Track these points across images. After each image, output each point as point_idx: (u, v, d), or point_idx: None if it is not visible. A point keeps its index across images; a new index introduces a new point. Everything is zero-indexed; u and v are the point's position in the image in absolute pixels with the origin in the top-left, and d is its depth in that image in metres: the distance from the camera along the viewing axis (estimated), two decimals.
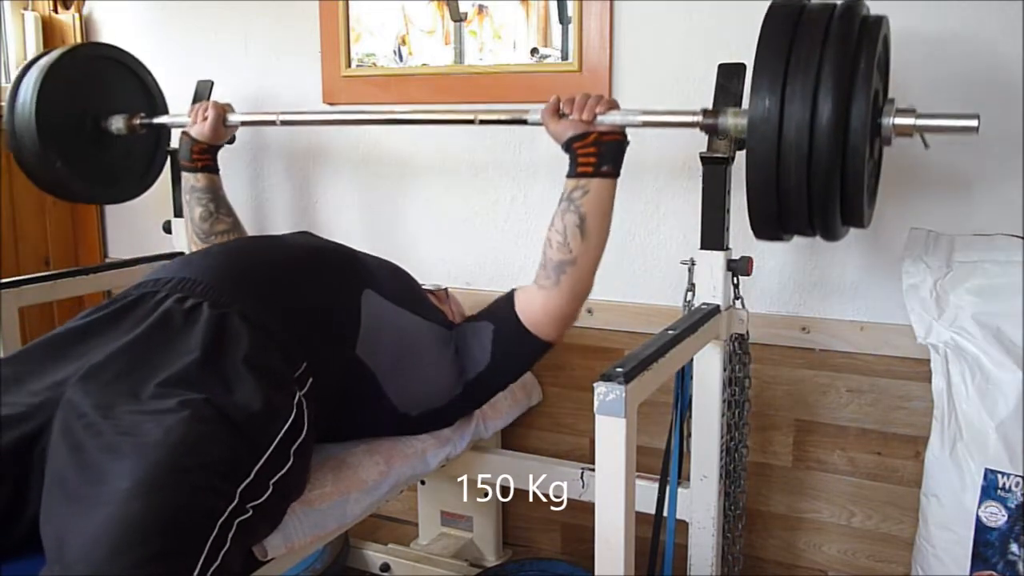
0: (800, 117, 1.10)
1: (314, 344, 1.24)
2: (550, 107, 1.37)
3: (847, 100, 1.10)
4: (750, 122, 1.14)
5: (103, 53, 1.92)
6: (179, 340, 1.14)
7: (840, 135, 1.10)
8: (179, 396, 1.04)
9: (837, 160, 1.11)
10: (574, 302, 1.36)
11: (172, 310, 1.18)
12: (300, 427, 1.14)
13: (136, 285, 1.27)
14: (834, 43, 1.11)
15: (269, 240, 1.53)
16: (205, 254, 1.37)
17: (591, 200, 1.32)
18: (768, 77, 1.12)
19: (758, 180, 1.15)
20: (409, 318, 1.40)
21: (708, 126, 1.31)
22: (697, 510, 1.43)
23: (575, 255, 1.32)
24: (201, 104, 1.75)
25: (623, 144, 1.36)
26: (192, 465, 0.98)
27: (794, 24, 1.15)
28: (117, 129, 1.85)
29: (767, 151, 1.12)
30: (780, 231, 1.24)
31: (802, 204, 1.16)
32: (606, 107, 1.34)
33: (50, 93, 1.73)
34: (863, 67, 1.11)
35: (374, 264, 1.48)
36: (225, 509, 0.98)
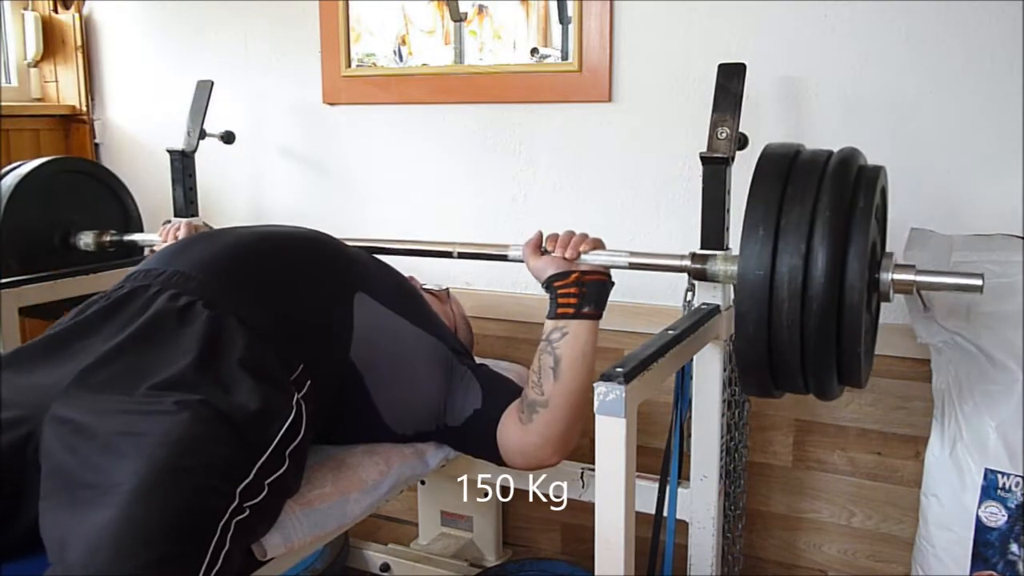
0: (793, 272, 1.04)
1: (309, 346, 1.22)
2: (532, 243, 1.32)
3: (843, 254, 1.03)
4: (740, 275, 1.07)
5: (77, 168, 1.92)
6: (173, 341, 1.12)
7: (836, 292, 1.03)
8: (175, 397, 1.03)
9: (832, 319, 1.04)
10: (547, 446, 1.26)
11: (165, 308, 1.15)
12: (297, 429, 1.13)
13: (127, 276, 1.23)
14: (829, 194, 1.06)
15: (262, 231, 1.45)
16: (199, 244, 1.31)
17: (569, 342, 1.25)
18: (760, 231, 1.06)
19: (748, 335, 1.08)
20: (405, 327, 1.35)
21: (696, 271, 1.27)
22: (697, 510, 1.43)
23: (547, 397, 1.24)
24: (173, 224, 1.69)
25: (607, 285, 1.30)
26: (193, 465, 0.97)
27: (787, 173, 1.09)
28: (86, 245, 1.84)
29: (758, 306, 1.06)
30: (771, 389, 1.17)
31: (795, 364, 1.09)
32: (590, 246, 1.30)
33: (16, 209, 1.72)
34: (859, 219, 1.04)
35: (369, 263, 1.43)
36: (226, 510, 0.97)
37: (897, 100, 1.53)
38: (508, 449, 1.29)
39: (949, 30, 1.47)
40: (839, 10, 1.54)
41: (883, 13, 1.51)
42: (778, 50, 1.59)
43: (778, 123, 1.61)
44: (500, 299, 1.90)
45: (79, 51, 2.28)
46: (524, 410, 1.27)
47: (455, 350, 1.38)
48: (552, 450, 1.27)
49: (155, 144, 2.10)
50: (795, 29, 1.57)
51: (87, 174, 1.92)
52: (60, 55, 2.31)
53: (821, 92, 1.58)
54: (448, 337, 1.41)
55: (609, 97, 1.73)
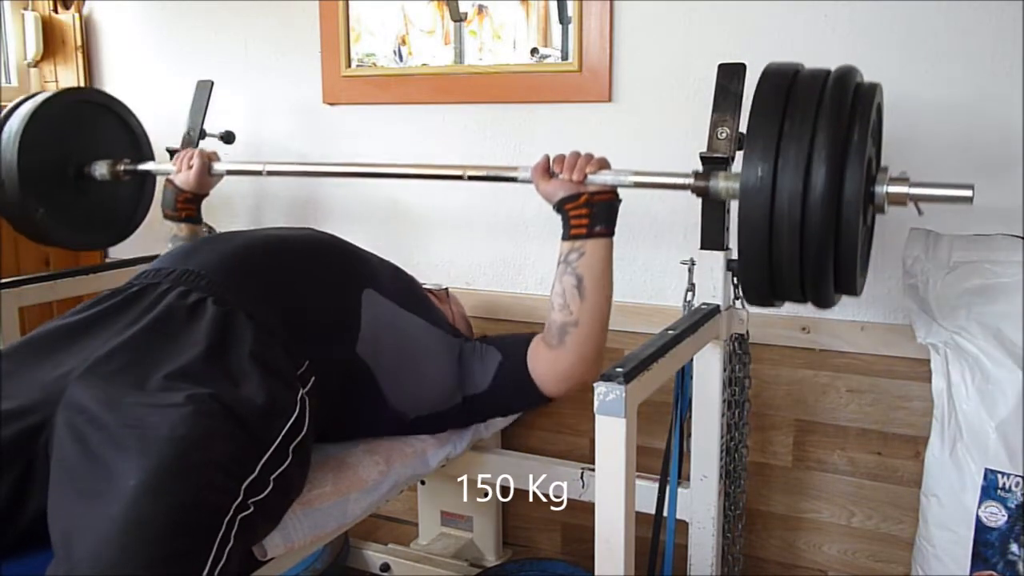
0: (793, 185, 1.08)
1: (315, 342, 1.24)
2: (540, 166, 1.35)
3: (840, 169, 1.08)
4: (742, 189, 1.12)
5: (88, 98, 1.90)
6: (183, 335, 1.14)
7: (833, 204, 1.08)
8: (184, 390, 1.04)
9: (830, 229, 1.09)
10: (582, 363, 1.33)
11: (176, 304, 1.17)
12: (301, 425, 1.14)
13: (138, 275, 1.26)
14: (828, 111, 1.10)
15: (271, 233, 1.50)
16: (208, 246, 1.35)
17: (587, 261, 1.30)
18: (761, 144, 1.10)
19: (750, 248, 1.13)
20: (410, 319, 1.39)
21: (699, 188, 1.28)
22: (697, 510, 1.43)
23: (576, 316, 1.31)
24: (186, 152, 1.71)
25: (615, 203, 1.34)
26: (199, 461, 0.98)
27: (788, 90, 1.13)
28: (100, 175, 1.83)
29: (759, 219, 1.10)
30: (771, 298, 1.21)
31: (794, 273, 1.14)
32: (596, 167, 1.33)
33: (32, 140, 1.71)
34: (856, 135, 1.09)
35: (376, 263, 1.48)
36: (231, 506, 0.98)
37: (897, 100, 1.52)
38: (545, 379, 1.35)
39: (949, 30, 1.47)
40: (839, 10, 1.54)
41: (883, 13, 1.51)
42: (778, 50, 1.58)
43: None
44: (500, 299, 1.90)
45: (79, 51, 2.28)
46: (554, 336, 1.32)
47: (458, 335, 1.44)
48: (587, 366, 1.34)
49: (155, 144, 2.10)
50: (795, 29, 1.57)
51: (96, 104, 1.89)
52: (60, 55, 2.31)
53: None
54: (450, 329, 1.45)
55: (609, 97, 1.73)
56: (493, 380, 1.38)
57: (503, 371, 1.37)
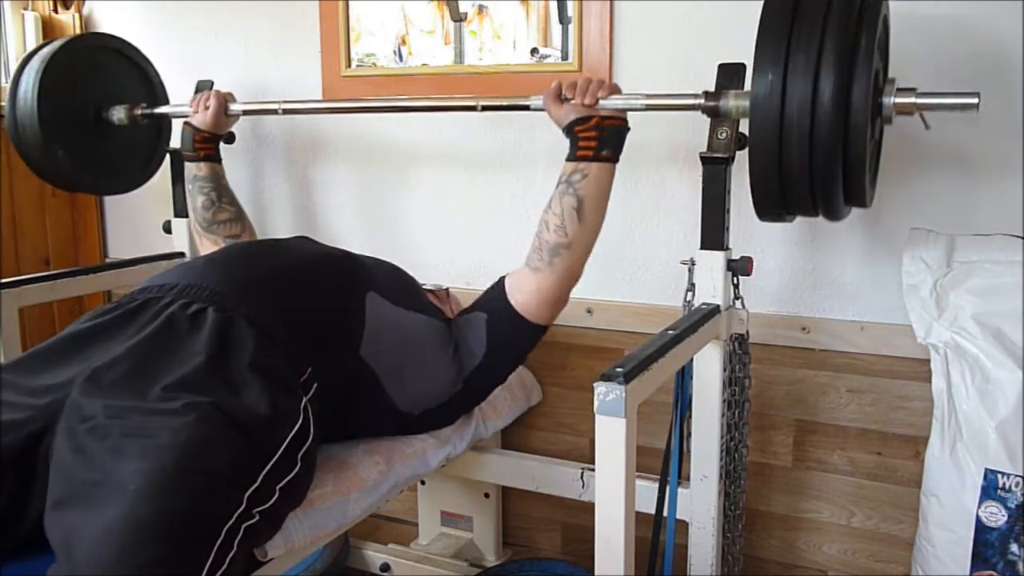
0: (802, 95, 1.11)
1: (318, 348, 1.24)
2: (552, 91, 1.38)
3: (848, 79, 1.11)
4: (752, 100, 1.15)
5: (104, 43, 1.92)
6: (184, 344, 1.14)
7: (842, 113, 1.11)
8: (185, 399, 1.04)
9: (839, 138, 1.12)
10: (566, 285, 1.37)
11: (177, 315, 1.18)
12: (307, 432, 1.14)
13: (140, 290, 1.27)
14: (835, 22, 1.12)
15: (270, 245, 1.53)
16: (208, 260, 1.38)
17: (590, 184, 1.33)
18: (770, 55, 1.13)
19: (761, 158, 1.16)
20: (410, 316, 1.40)
21: (710, 108, 1.31)
22: (697, 510, 1.43)
23: (571, 238, 1.33)
24: (203, 93, 1.76)
25: (624, 130, 1.37)
26: (200, 469, 0.98)
27: (795, 3, 1.16)
28: (119, 119, 1.85)
29: (770, 129, 1.13)
30: (783, 210, 1.24)
31: (804, 182, 1.16)
32: (608, 91, 1.35)
33: (51, 83, 1.74)
34: (864, 46, 1.11)
35: (373, 266, 1.48)
36: (232, 515, 0.98)
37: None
38: (530, 306, 1.38)
39: (949, 30, 1.47)
40: None
41: None
42: None
43: None
44: None
45: None
46: (543, 256, 1.35)
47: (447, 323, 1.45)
48: (568, 288, 1.38)
49: None
50: None
51: (112, 50, 1.92)
52: None
53: None
54: (443, 319, 1.46)
55: None
56: (487, 341, 1.39)
57: (492, 325, 1.39)
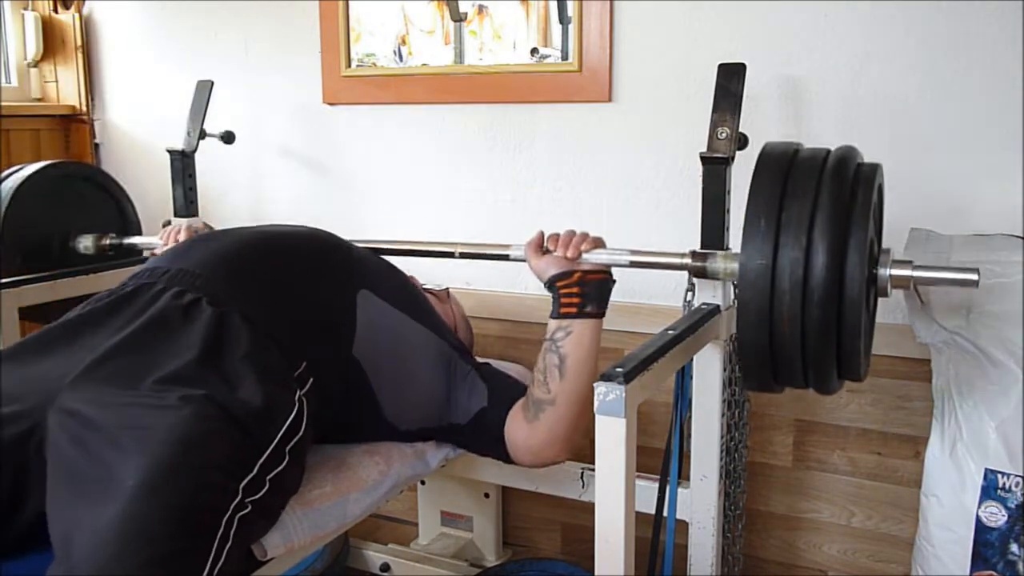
0: (794, 265, 1.06)
1: (312, 342, 1.23)
2: (533, 243, 1.34)
3: (843, 248, 1.06)
4: (742, 268, 1.09)
5: (76, 172, 1.93)
6: (178, 337, 1.13)
7: (836, 285, 1.06)
8: (180, 392, 1.04)
9: (833, 312, 1.06)
10: (554, 443, 1.28)
11: (170, 305, 1.16)
12: (299, 426, 1.13)
13: (132, 275, 1.25)
14: (828, 190, 1.08)
15: (266, 230, 1.47)
16: (203, 244, 1.33)
17: (573, 341, 1.26)
18: (761, 225, 1.08)
19: (749, 332, 1.11)
20: (406, 322, 1.36)
21: (697, 270, 1.28)
22: (697, 510, 1.43)
23: (553, 395, 1.26)
24: (174, 226, 1.69)
25: (608, 283, 1.32)
26: (198, 462, 0.98)
27: (787, 170, 1.11)
28: (85, 248, 1.85)
29: (759, 299, 1.08)
30: (772, 383, 1.19)
31: (795, 358, 1.11)
32: (591, 245, 1.31)
33: (15, 214, 1.73)
34: (858, 215, 1.07)
35: (372, 262, 1.45)
36: (229, 506, 0.98)
37: (897, 100, 1.53)
38: (515, 447, 1.31)
39: (949, 30, 1.47)
40: (839, 10, 1.54)
41: (883, 13, 1.51)
42: (778, 50, 1.59)
43: (778, 123, 1.61)
44: (500, 299, 1.90)
45: (79, 51, 2.28)
46: (530, 408, 1.29)
47: (456, 348, 1.39)
48: (559, 448, 1.30)
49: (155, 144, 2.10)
50: (795, 29, 1.57)
51: (86, 178, 1.92)
52: (60, 55, 2.31)
53: (821, 92, 1.58)
54: (449, 335, 1.42)
55: (609, 97, 1.73)
56: (472, 421, 1.34)
57: (482, 418, 1.33)
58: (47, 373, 1.09)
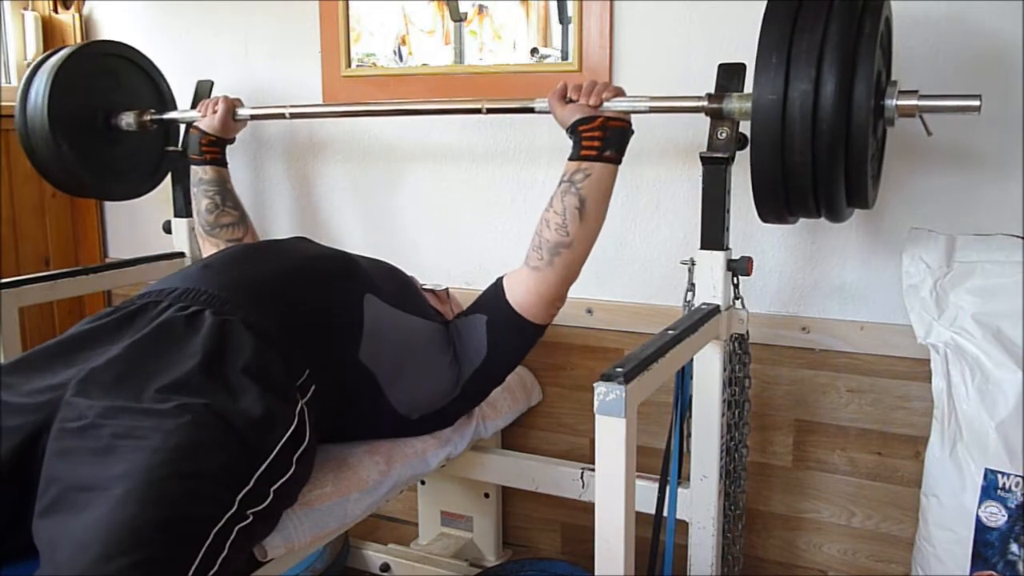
0: (804, 97, 1.12)
1: (316, 351, 1.24)
2: (557, 92, 1.40)
3: (851, 80, 1.11)
4: (755, 102, 1.15)
5: (114, 50, 1.94)
6: (180, 346, 1.13)
7: (844, 115, 1.11)
8: (178, 401, 1.04)
9: (841, 140, 1.12)
10: (564, 284, 1.38)
11: (173, 317, 1.17)
12: (302, 435, 1.14)
13: (139, 295, 1.26)
14: (836, 24, 1.12)
15: (267, 247, 1.52)
16: (205, 264, 1.37)
17: (592, 183, 1.33)
18: (772, 58, 1.14)
19: (763, 160, 1.16)
20: (409, 319, 1.39)
21: (713, 110, 1.32)
22: (697, 510, 1.43)
23: (572, 238, 1.34)
24: (212, 98, 1.78)
25: (628, 131, 1.38)
26: (189, 472, 0.98)
27: (797, 6, 1.16)
28: (127, 125, 1.88)
29: (772, 131, 1.14)
30: (786, 212, 1.24)
31: (807, 184, 1.17)
32: (613, 94, 1.37)
33: (62, 89, 1.76)
34: (866, 47, 1.11)
35: (372, 267, 1.47)
36: (222, 517, 0.97)
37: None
38: (530, 306, 1.38)
39: (949, 30, 1.47)
40: None
41: None
42: None
43: None
44: None
45: None
46: (543, 255, 1.35)
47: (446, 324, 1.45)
48: (566, 287, 1.39)
49: None
50: None
51: (121, 56, 1.94)
52: None
53: None
54: (443, 321, 1.47)
55: None
56: (488, 342, 1.39)
57: (492, 326, 1.39)
58: (51, 383, 1.10)
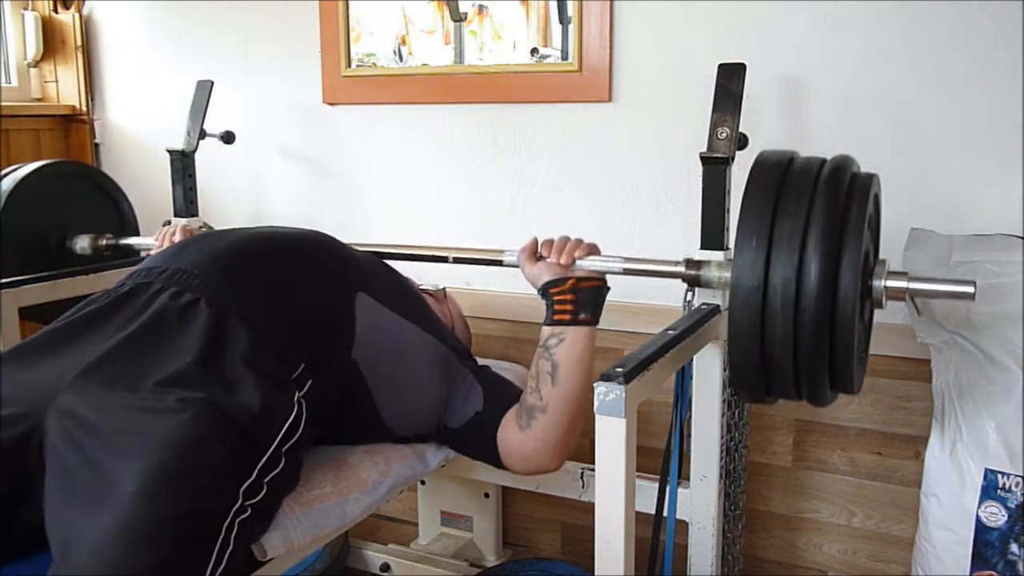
0: (786, 283, 1.04)
1: (311, 346, 1.22)
2: (527, 249, 1.33)
3: (836, 262, 1.04)
4: (733, 286, 1.08)
5: (74, 171, 1.93)
6: (176, 338, 1.12)
7: (828, 306, 1.04)
8: (178, 395, 1.03)
9: (825, 333, 1.05)
10: (547, 451, 1.27)
11: (168, 306, 1.15)
12: (296, 428, 1.13)
13: (129, 275, 1.24)
14: (822, 204, 1.06)
15: (263, 231, 1.47)
16: (200, 242, 1.32)
17: (566, 348, 1.25)
18: (753, 236, 1.07)
19: (741, 345, 1.10)
20: (404, 325, 1.35)
21: (691, 278, 1.28)
22: (697, 510, 1.43)
23: (545, 403, 1.25)
24: (170, 227, 1.66)
25: (602, 291, 1.31)
26: (196, 467, 0.98)
27: (781, 179, 1.10)
28: (82, 249, 1.86)
29: (751, 311, 1.07)
30: (764, 395, 1.18)
31: (788, 372, 1.10)
32: (585, 252, 1.30)
33: (13, 214, 1.74)
34: (852, 227, 1.05)
35: (369, 264, 1.44)
36: (229, 510, 0.98)
37: (897, 100, 1.53)
38: (508, 453, 1.30)
39: (949, 30, 1.47)
40: (839, 10, 1.54)
41: (883, 13, 1.51)
42: (778, 50, 1.59)
43: (778, 123, 1.61)
44: (500, 299, 1.90)
45: (79, 51, 2.28)
46: (523, 415, 1.28)
47: (455, 350, 1.39)
48: (551, 455, 1.28)
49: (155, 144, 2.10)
50: (795, 29, 1.57)
51: (83, 177, 1.93)
52: (60, 55, 2.31)
53: (821, 92, 1.58)
54: (448, 337, 1.41)
55: (609, 97, 1.73)
56: (466, 425, 1.33)
57: (476, 422, 1.32)
58: (46, 375, 1.09)
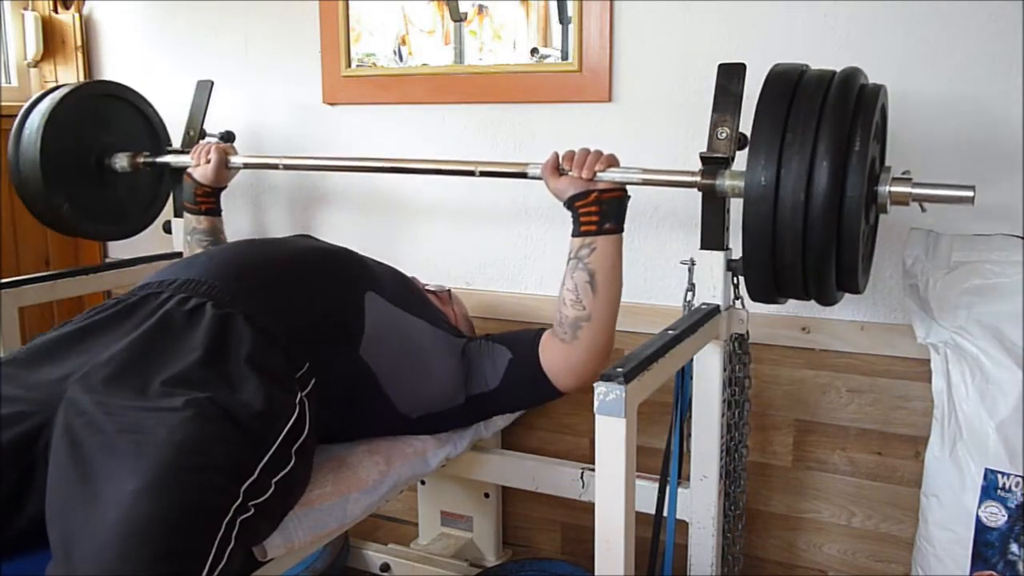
0: (795, 186, 1.11)
1: (317, 345, 1.24)
2: (549, 164, 1.38)
3: (843, 168, 1.11)
4: (746, 190, 1.14)
5: (109, 91, 1.93)
6: (182, 339, 1.14)
7: (835, 204, 1.11)
8: (182, 395, 1.04)
9: (833, 228, 1.12)
10: (596, 358, 1.35)
11: (174, 310, 1.18)
12: (302, 427, 1.14)
13: (140, 286, 1.27)
14: (831, 111, 1.12)
15: (271, 242, 1.54)
16: (208, 256, 1.38)
17: (598, 257, 1.33)
18: (765, 144, 1.14)
19: (754, 247, 1.16)
20: (412, 321, 1.40)
21: (706, 186, 1.32)
22: (697, 510, 1.43)
23: (589, 311, 1.33)
24: (204, 144, 1.76)
25: (624, 200, 1.37)
26: (198, 465, 0.98)
27: (792, 91, 1.16)
28: (121, 167, 1.88)
29: (763, 218, 1.14)
30: (775, 295, 1.24)
31: (797, 271, 1.16)
32: (605, 164, 1.35)
33: (54, 133, 1.75)
34: (859, 136, 1.11)
35: (376, 267, 1.49)
36: (230, 508, 0.98)
37: (897, 100, 1.52)
38: (559, 373, 1.37)
39: (949, 30, 1.47)
40: (839, 10, 1.54)
41: (883, 13, 1.51)
42: (778, 50, 1.58)
43: None
44: (500, 299, 1.90)
45: (79, 51, 2.28)
46: (566, 330, 1.34)
47: (461, 335, 1.46)
48: (600, 359, 1.36)
49: None
50: (795, 29, 1.57)
51: (115, 97, 1.93)
52: (60, 55, 2.31)
53: None
54: (452, 330, 1.47)
55: (609, 97, 1.73)
56: (504, 377, 1.39)
57: (514, 368, 1.39)
58: (53, 375, 1.10)
